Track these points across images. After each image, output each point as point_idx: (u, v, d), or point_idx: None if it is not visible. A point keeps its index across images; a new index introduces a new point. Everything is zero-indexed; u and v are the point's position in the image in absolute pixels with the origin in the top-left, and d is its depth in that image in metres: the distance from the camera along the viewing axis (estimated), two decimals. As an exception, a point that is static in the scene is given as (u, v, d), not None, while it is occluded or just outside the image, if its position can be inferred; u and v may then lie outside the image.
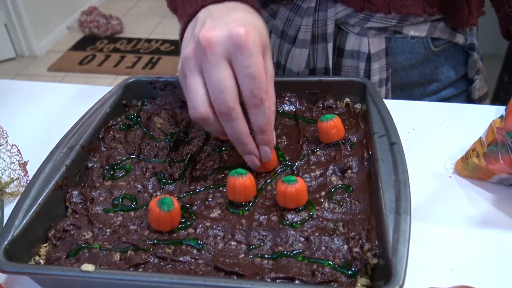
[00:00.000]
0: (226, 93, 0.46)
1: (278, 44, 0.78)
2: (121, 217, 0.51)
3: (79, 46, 3.15)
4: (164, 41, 3.14)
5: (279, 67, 0.79)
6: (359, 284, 0.42)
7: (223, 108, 0.47)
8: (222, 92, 0.46)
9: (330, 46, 0.74)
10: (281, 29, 0.76)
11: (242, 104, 0.48)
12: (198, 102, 0.48)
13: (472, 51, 0.80)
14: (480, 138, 0.56)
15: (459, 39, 0.77)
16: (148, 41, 3.17)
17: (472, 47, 0.79)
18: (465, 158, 0.57)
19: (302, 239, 0.46)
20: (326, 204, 0.50)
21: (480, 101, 0.83)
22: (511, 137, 0.48)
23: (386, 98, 0.77)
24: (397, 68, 0.78)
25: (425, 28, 0.74)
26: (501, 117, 0.52)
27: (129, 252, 0.45)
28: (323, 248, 0.45)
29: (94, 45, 3.14)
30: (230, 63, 0.47)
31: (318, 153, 0.57)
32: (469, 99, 0.83)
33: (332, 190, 0.51)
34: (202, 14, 0.52)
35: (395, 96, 0.80)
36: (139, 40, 3.18)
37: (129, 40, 3.19)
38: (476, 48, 0.80)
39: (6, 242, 0.44)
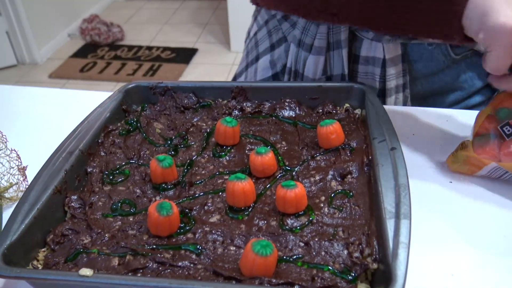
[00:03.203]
0: None
1: (295, 52, 0.78)
2: (120, 222, 0.51)
3: (80, 53, 3.17)
4: (165, 49, 3.15)
5: (297, 75, 0.79)
6: (359, 289, 0.42)
7: None
8: None
9: (344, 52, 0.74)
10: (299, 38, 0.77)
11: None
12: None
13: None
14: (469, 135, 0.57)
15: (480, 46, 0.74)
16: (149, 48, 3.18)
17: None
18: (454, 152, 0.59)
19: (302, 244, 0.46)
20: (326, 209, 0.50)
21: None
22: (501, 116, 0.49)
23: (405, 105, 0.76)
24: (417, 76, 0.77)
25: None
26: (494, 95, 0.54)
27: (127, 256, 0.45)
28: (323, 253, 0.45)
29: (95, 53, 3.15)
30: None
31: (317, 158, 0.57)
32: None
33: (332, 195, 0.51)
34: None
35: (416, 106, 0.78)
36: (140, 47, 3.19)
37: (130, 47, 3.21)
38: None
39: (4, 247, 0.44)
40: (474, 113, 0.72)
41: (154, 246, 0.47)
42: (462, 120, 0.70)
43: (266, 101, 0.67)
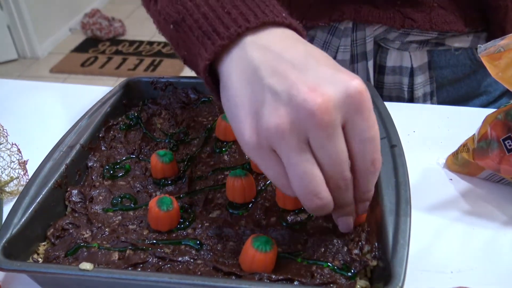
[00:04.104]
0: (343, 165, 0.37)
1: None
2: (120, 217, 0.51)
3: (81, 48, 3.16)
4: (166, 44, 3.15)
5: None
6: (358, 286, 0.42)
7: (340, 183, 0.38)
8: (339, 165, 0.37)
9: (370, 64, 0.73)
10: None
11: None
12: (321, 188, 0.37)
13: None
14: (473, 134, 0.56)
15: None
16: (150, 43, 3.17)
17: None
18: (455, 153, 0.58)
19: (301, 241, 0.46)
20: (326, 205, 0.50)
21: None
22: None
23: None
24: (443, 83, 0.76)
25: (469, 39, 0.72)
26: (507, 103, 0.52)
27: (128, 251, 0.45)
28: (322, 249, 0.45)
29: (96, 47, 3.15)
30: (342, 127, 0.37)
31: (318, 154, 0.56)
32: None
33: (332, 191, 0.51)
34: (258, 53, 0.38)
35: None
36: (141, 42, 3.19)
37: (131, 42, 3.20)
38: None
39: (4, 240, 0.44)
40: (475, 111, 0.72)
41: (154, 241, 0.47)
42: (464, 117, 0.70)
43: (267, 97, 0.67)
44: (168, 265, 0.44)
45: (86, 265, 0.41)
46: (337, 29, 0.73)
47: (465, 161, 0.56)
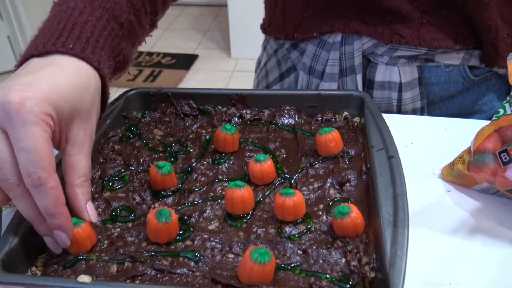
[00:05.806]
0: (3, 164, 0.42)
1: (306, 80, 0.78)
2: (118, 229, 0.51)
3: (81, 58, 3.17)
4: (166, 55, 3.17)
5: None
6: (356, 298, 0.42)
7: (3, 184, 0.43)
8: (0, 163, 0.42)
9: (359, 77, 0.74)
10: (309, 65, 0.76)
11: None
12: None
13: None
14: (469, 146, 0.56)
15: (499, 69, 0.72)
16: (150, 54, 3.19)
17: None
18: (451, 164, 0.58)
19: (300, 252, 0.46)
20: (324, 217, 0.50)
21: None
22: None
23: None
24: (435, 100, 0.76)
25: (459, 56, 0.71)
26: (498, 115, 0.52)
27: (126, 263, 0.45)
28: (321, 261, 0.45)
29: (95, 58, 3.16)
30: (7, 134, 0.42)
31: (316, 166, 0.57)
32: None
33: (330, 203, 0.51)
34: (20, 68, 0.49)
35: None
36: (140, 53, 3.20)
37: (131, 53, 3.22)
38: None
39: (3, 253, 0.44)
40: (471, 122, 0.73)
41: (153, 253, 0.47)
42: (460, 129, 0.70)
43: (265, 108, 0.67)
44: (167, 277, 0.44)
45: (85, 278, 0.41)
46: (326, 42, 0.74)
47: (460, 173, 0.57)
